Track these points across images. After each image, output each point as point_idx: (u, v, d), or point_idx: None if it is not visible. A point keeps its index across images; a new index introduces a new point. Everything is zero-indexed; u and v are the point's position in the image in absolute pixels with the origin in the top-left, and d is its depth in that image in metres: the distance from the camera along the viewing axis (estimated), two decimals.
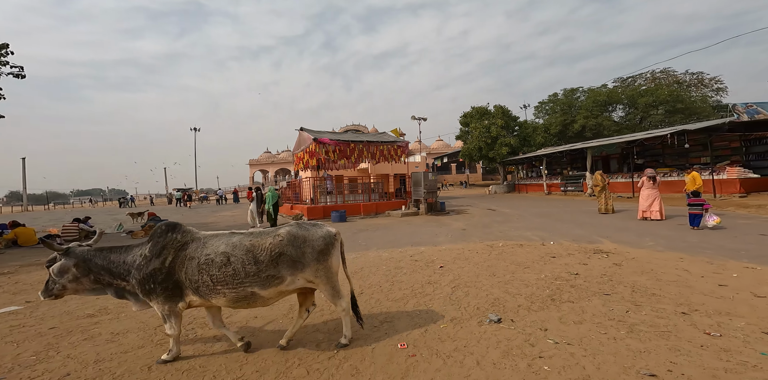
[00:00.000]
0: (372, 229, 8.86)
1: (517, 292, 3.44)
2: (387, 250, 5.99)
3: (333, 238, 2.44)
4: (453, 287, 3.74)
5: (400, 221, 10.47)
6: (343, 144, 12.54)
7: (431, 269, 4.52)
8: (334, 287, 2.45)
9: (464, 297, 3.41)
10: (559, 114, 26.38)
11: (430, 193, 12.18)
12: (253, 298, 2.25)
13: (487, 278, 3.95)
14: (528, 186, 22.11)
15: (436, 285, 3.85)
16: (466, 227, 8.41)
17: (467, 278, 4.03)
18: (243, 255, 2.19)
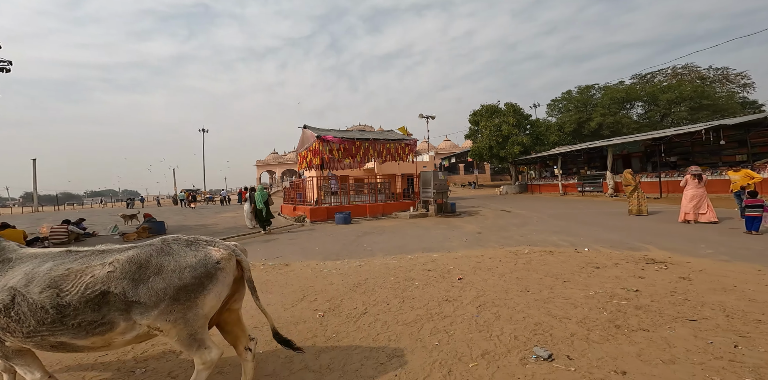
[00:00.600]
0: (378, 232, 8.18)
1: (564, 314, 2.71)
2: (395, 257, 5.30)
3: (213, 267, 1.70)
4: (478, 306, 3.02)
5: (408, 223, 9.76)
6: (348, 142, 11.92)
7: (448, 281, 3.81)
8: (194, 336, 1.66)
9: (495, 321, 2.69)
10: (574, 112, 25.32)
11: (439, 193, 11.44)
12: (72, 347, 1.59)
13: (520, 295, 3.22)
14: (541, 186, 21.12)
15: (457, 302, 3.14)
16: (480, 230, 7.65)
17: (494, 294, 3.30)
18: (38, 294, 1.50)
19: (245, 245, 7.14)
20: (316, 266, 4.96)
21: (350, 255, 5.61)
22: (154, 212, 21.50)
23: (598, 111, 23.65)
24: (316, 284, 4.01)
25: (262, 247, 6.75)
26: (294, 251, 6.14)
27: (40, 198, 60.04)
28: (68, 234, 7.81)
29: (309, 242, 7.15)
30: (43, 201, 55.50)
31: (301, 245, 6.82)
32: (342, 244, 6.71)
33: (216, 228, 10.45)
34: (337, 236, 7.69)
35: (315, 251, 6.06)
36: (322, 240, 7.26)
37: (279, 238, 7.83)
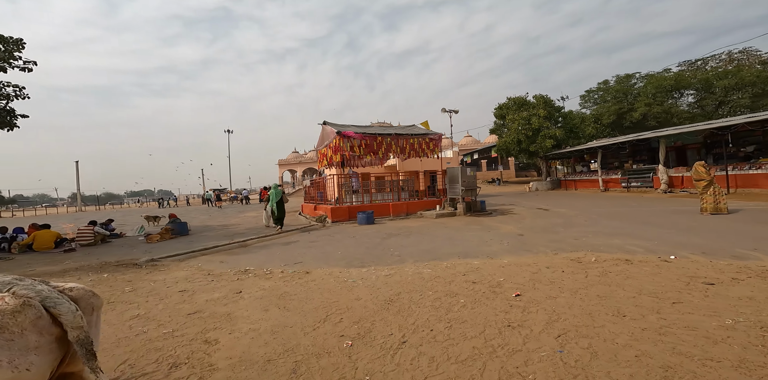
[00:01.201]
0: (404, 233, 7.53)
1: (704, 354, 1.94)
2: (428, 264, 4.63)
3: None
4: (557, 336, 2.30)
5: (436, 223, 9.03)
6: (369, 137, 11.33)
7: (502, 298, 3.10)
8: None
9: (591, 360, 1.97)
10: (612, 103, 23.26)
11: (468, 191, 10.60)
12: None
13: (614, 321, 2.46)
14: (577, 182, 19.49)
15: (524, 329, 2.43)
16: (521, 231, 6.79)
17: (574, 318, 2.56)
18: None
19: (265, 247, 6.76)
20: (340, 274, 4.40)
21: (376, 261, 5.01)
22: (184, 212, 22.23)
23: (641, 101, 21.51)
24: (341, 298, 3.44)
25: (282, 250, 6.31)
26: (315, 256, 5.64)
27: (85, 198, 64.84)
28: (94, 235, 7.82)
29: (330, 245, 6.64)
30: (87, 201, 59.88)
31: (323, 248, 6.32)
32: (366, 248, 6.13)
33: (237, 229, 10.26)
34: (360, 239, 7.13)
35: (337, 256, 5.52)
36: (345, 243, 6.73)
37: (299, 240, 7.39)
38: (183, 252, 6.20)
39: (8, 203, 40.02)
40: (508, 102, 23.69)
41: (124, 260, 5.90)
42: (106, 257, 6.36)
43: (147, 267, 5.32)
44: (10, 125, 8.82)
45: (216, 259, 5.82)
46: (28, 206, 56.67)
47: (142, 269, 5.22)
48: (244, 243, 7.14)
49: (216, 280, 4.39)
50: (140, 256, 6.44)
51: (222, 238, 8.24)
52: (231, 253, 6.31)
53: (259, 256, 5.88)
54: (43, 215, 31.55)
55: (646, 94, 21.77)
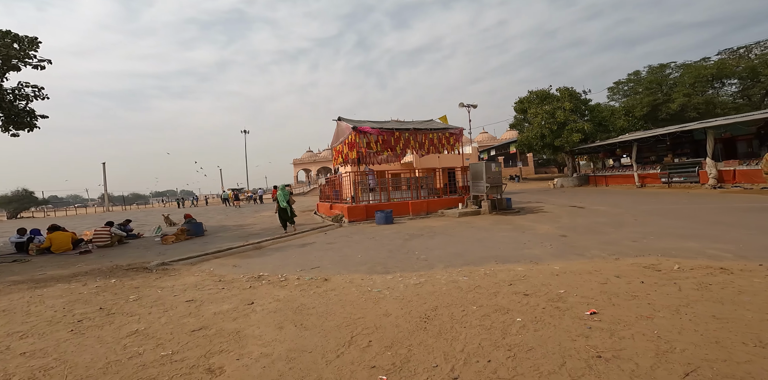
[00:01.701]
0: (427, 234, 6.95)
1: None
2: (461, 270, 4.05)
3: None
4: (686, 376, 1.67)
5: (460, 222, 8.38)
6: (386, 133, 10.79)
7: (572, 316, 2.49)
8: None
9: None
10: (645, 94, 21.63)
11: (493, 188, 9.87)
12: None
13: (764, 355, 1.80)
14: (608, 178, 18.18)
15: (626, 364, 1.83)
16: (563, 232, 6.07)
17: (695, 348, 1.93)
18: None
19: (280, 249, 6.36)
20: (362, 282, 3.90)
21: (402, 267, 4.48)
22: (202, 211, 22.51)
23: (679, 91, 19.84)
24: (367, 314, 2.92)
25: (298, 253, 5.88)
26: (333, 260, 5.16)
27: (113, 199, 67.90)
28: (111, 237, 7.69)
29: (349, 247, 6.15)
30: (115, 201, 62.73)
31: (341, 251, 5.84)
32: (388, 250, 5.61)
33: (252, 229, 9.99)
34: (381, 240, 6.61)
35: (357, 260, 5.02)
36: (364, 245, 6.22)
37: (315, 242, 6.96)
38: (195, 255, 5.88)
39: (42, 203, 42.14)
40: (529, 95, 22.50)
41: (136, 264, 5.64)
42: (119, 260, 6.15)
43: (157, 272, 5.00)
44: (30, 126, 8.88)
45: (229, 263, 5.46)
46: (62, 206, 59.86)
47: (152, 273, 4.91)
48: (259, 245, 6.78)
49: (227, 288, 3.98)
50: (153, 258, 6.18)
51: (237, 239, 7.95)
52: (245, 256, 5.94)
53: (274, 259, 5.47)
54: (73, 216, 33.02)
55: (684, 84, 20.08)
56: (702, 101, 19.46)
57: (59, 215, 36.31)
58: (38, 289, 4.21)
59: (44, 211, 39.36)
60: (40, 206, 41.77)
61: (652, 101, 20.92)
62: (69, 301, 3.66)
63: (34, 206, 40.12)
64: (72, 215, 34.91)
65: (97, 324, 3.01)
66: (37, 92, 8.89)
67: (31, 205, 39.34)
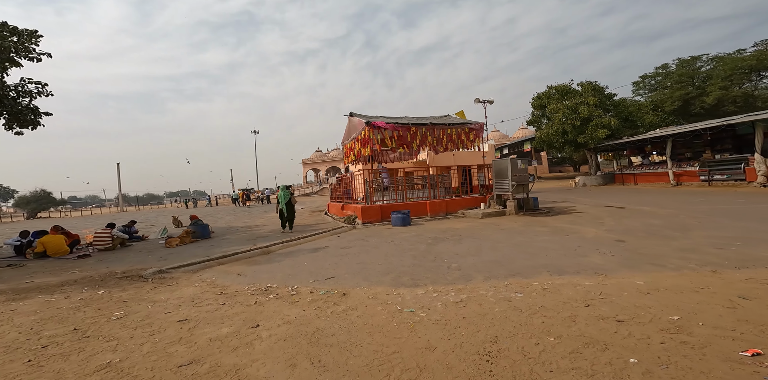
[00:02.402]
0: (453, 237, 6.22)
1: None
2: (508, 282, 3.34)
3: None
4: None
5: (485, 224, 7.61)
6: (402, 128, 10.09)
7: (720, 357, 1.74)
8: None
9: None
10: (675, 88, 20.28)
11: (520, 186, 9.05)
12: None
13: None
14: (637, 176, 16.98)
15: None
16: (616, 236, 5.26)
17: None
18: None
19: (290, 254, 5.73)
20: (388, 298, 3.22)
21: (432, 278, 3.78)
22: (212, 212, 22.27)
23: (714, 84, 18.48)
24: (403, 346, 2.23)
25: (310, 259, 5.24)
26: (350, 268, 4.50)
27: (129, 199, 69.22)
28: (112, 239, 7.23)
29: (367, 252, 5.48)
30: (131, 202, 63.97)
31: (358, 257, 5.17)
32: (412, 256, 4.91)
33: (261, 231, 9.44)
34: (401, 244, 5.92)
35: (379, 269, 4.34)
36: (384, 250, 5.54)
37: (329, 246, 6.32)
38: (197, 261, 5.32)
39: (59, 204, 43.06)
40: (548, 91, 21.42)
41: (132, 271, 5.11)
42: (116, 265, 5.64)
43: (153, 281, 4.44)
44: (34, 124, 8.55)
45: (233, 270, 4.86)
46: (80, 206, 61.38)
47: (147, 283, 4.34)
48: (267, 250, 6.18)
49: (228, 303, 3.36)
50: (153, 264, 5.66)
51: (244, 242, 7.39)
52: (251, 262, 5.34)
53: (284, 267, 4.85)
54: (88, 216, 33.51)
55: (718, 76, 18.69)
56: (740, 94, 18.07)
57: (75, 215, 36.99)
58: (15, 302, 3.69)
59: (60, 211, 40.15)
60: (58, 207, 42.70)
61: (683, 94, 19.59)
62: (42, 319, 3.10)
63: (53, 207, 41.03)
64: (87, 215, 35.48)
65: (64, 352, 2.42)
66: (40, 89, 8.56)
67: (49, 205, 40.23)
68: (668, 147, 14.79)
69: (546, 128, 20.33)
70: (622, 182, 17.73)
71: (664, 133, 15.30)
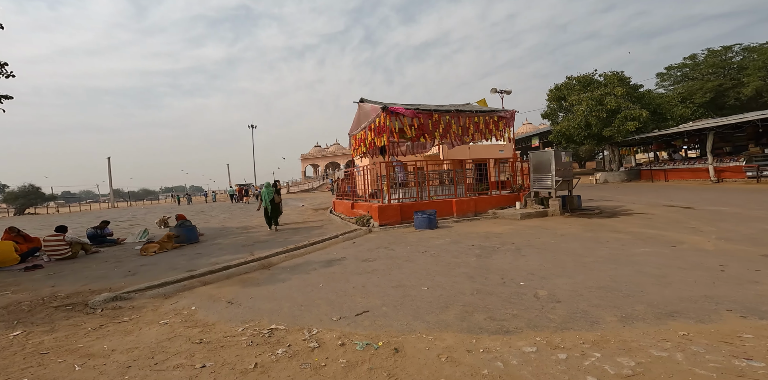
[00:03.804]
0: (504, 246, 4.89)
1: None
2: (681, 330, 2.00)
3: None
4: None
5: (531, 227, 6.29)
6: (423, 115, 8.70)
7: None
8: None
9: None
10: (706, 79, 18.98)
11: (565, 182, 7.72)
12: None
13: None
14: (668, 172, 15.72)
15: None
16: (747, 247, 3.95)
17: None
18: None
19: (297, 270, 4.38)
20: (475, 360, 1.89)
21: (525, 316, 2.47)
22: (206, 209, 20.74)
23: (753, 74, 17.21)
24: None
25: (325, 278, 3.88)
26: (387, 296, 3.15)
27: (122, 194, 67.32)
28: (70, 246, 5.81)
29: (399, 267, 4.14)
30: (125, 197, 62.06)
31: (389, 275, 3.83)
32: (467, 276, 3.58)
33: (259, 233, 8.05)
34: (442, 255, 4.58)
35: (429, 298, 3.01)
36: (422, 264, 4.20)
37: (346, 257, 4.96)
38: (173, 280, 3.95)
39: (49, 199, 41.24)
40: (568, 82, 20.00)
41: (82, 293, 3.74)
42: (65, 283, 4.27)
43: (103, 313, 3.08)
44: None
45: (222, 294, 3.50)
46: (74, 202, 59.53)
47: (93, 316, 2.99)
48: (267, 261, 4.82)
49: (211, 364, 2.02)
50: (118, 279, 4.30)
51: (238, 249, 6.03)
52: (247, 281, 3.98)
53: (291, 290, 3.49)
54: (76, 212, 31.95)
55: (755, 67, 17.43)
56: None
57: (64, 211, 35.38)
58: None
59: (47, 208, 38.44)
60: (48, 202, 40.92)
61: (716, 86, 18.30)
62: None
63: (42, 202, 39.28)
64: (76, 211, 33.91)
65: None
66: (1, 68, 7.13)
67: (38, 201, 38.50)
68: (709, 141, 13.49)
69: (565, 120, 18.97)
70: (650, 179, 16.46)
71: (705, 125, 13.97)
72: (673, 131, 15.34)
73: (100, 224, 7.54)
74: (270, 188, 8.50)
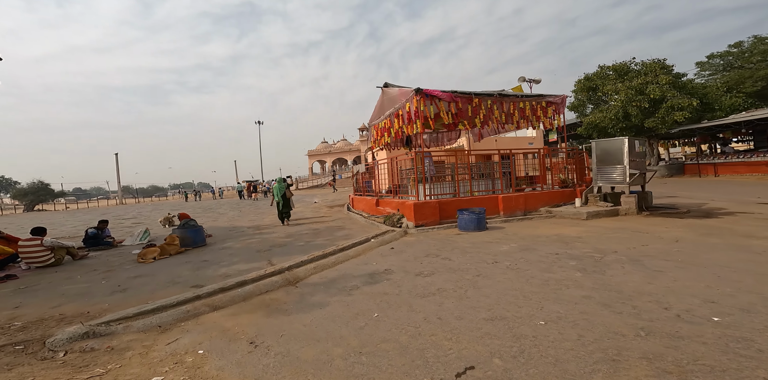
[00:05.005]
0: (600, 254, 3.75)
1: None
2: None
3: None
4: None
5: (610, 229, 5.09)
6: (462, 99, 7.52)
7: None
8: None
9: None
10: (757, 67, 17.32)
11: (640, 177, 6.49)
12: None
13: None
14: (719, 166, 14.26)
15: None
16: None
17: None
18: None
19: (334, 286, 3.30)
20: None
21: None
22: (214, 206, 19.82)
23: None
24: None
25: (377, 304, 2.78)
26: (492, 341, 2.02)
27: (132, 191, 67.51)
28: (52, 251, 4.81)
29: (478, 290, 3.02)
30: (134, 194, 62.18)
31: (473, 302, 2.72)
32: (601, 305, 2.45)
33: (274, 235, 7.00)
34: (526, 270, 3.44)
35: (566, 345, 1.88)
36: (507, 284, 3.07)
37: (391, 269, 3.85)
38: (173, 303, 2.90)
39: (58, 196, 41.17)
40: (600, 71, 18.45)
41: (46, 321, 2.71)
42: (33, 303, 3.26)
43: (66, 360, 2.03)
44: None
45: (240, 329, 2.43)
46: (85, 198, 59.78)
47: (50, 368, 1.95)
48: (293, 275, 3.74)
49: None
50: (101, 296, 3.29)
51: (253, 255, 4.98)
52: (270, 307, 2.91)
53: (336, 325, 2.40)
54: (84, 208, 31.62)
55: None
56: None
57: (71, 208, 35.15)
58: None
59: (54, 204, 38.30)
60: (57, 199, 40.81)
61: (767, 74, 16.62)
62: None
63: (51, 199, 39.18)
64: (84, 207, 33.62)
65: None
66: None
67: (47, 197, 38.40)
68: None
69: (599, 111, 17.49)
70: (697, 174, 14.98)
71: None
72: (730, 120, 13.79)
73: (99, 224, 6.56)
74: (282, 183, 8.67)
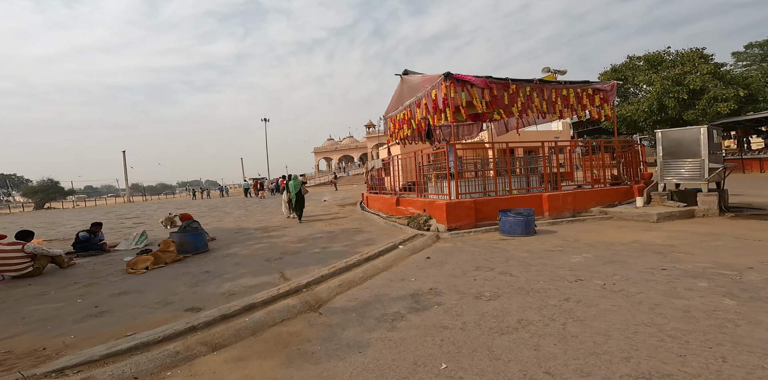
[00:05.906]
0: (728, 272, 2.80)
1: None
2: None
3: None
4: None
5: (700, 234, 4.13)
6: (498, 85, 6.58)
7: None
8: None
9: None
10: None
11: (720, 172, 5.46)
12: None
13: None
14: (764, 161, 13.02)
15: None
16: None
17: None
18: None
19: (368, 313, 2.39)
20: None
21: None
22: (220, 204, 19.14)
23: None
24: None
25: (441, 349, 1.90)
26: None
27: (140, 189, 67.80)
28: (32, 259, 4.06)
29: (581, 323, 2.11)
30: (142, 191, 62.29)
31: (587, 346, 1.82)
32: None
33: (285, 238, 6.17)
34: (640, 293, 2.52)
35: None
36: (623, 316, 2.16)
37: (439, 290, 2.99)
38: (158, 338, 2.05)
39: (68, 193, 41.27)
40: (629, 62, 17.15)
41: None
42: None
43: None
44: None
45: None
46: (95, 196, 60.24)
47: None
48: (313, 295, 2.89)
49: None
50: (70, 324, 2.49)
51: (262, 264, 4.15)
52: (289, 346, 2.05)
53: None
54: (92, 206, 31.51)
55: None
56: None
57: (80, 206, 35.12)
58: None
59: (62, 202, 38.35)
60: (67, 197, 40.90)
61: None
62: None
63: (61, 197, 39.26)
64: (92, 205, 33.55)
65: None
66: None
67: (57, 195, 38.49)
68: None
69: (628, 104, 16.25)
70: (741, 170, 13.72)
71: None
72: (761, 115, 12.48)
73: (91, 228, 5.80)
74: (297, 180, 8.67)
